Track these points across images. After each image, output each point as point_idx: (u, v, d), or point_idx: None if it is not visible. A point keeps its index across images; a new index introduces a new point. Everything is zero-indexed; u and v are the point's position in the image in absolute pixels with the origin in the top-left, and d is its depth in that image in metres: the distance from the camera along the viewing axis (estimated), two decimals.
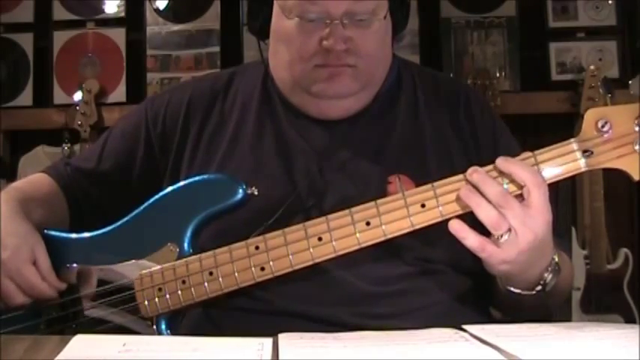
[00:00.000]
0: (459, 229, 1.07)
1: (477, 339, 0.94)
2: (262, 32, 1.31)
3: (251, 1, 1.33)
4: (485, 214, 1.05)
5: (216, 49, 3.09)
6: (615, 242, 2.78)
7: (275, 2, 1.26)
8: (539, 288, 1.13)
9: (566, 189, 2.75)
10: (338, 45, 1.20)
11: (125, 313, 1.22)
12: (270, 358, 0.87)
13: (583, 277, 2.71)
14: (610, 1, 3.04)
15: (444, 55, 3.07)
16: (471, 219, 1.08)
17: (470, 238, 1.06)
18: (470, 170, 1.09)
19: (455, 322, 1.04)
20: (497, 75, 3.02)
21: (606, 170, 1.12)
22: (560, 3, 3.06)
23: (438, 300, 1.21)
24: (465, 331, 0.99)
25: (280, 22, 1.25)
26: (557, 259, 1.14)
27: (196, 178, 1.26)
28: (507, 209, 1.04)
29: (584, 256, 2.73)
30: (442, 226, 1.11)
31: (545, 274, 1.13)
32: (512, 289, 1.14)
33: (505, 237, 1.05)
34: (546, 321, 1.07)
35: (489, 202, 1.05)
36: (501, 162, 1.08)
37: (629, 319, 2.62)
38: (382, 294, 1.19)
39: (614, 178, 1.12)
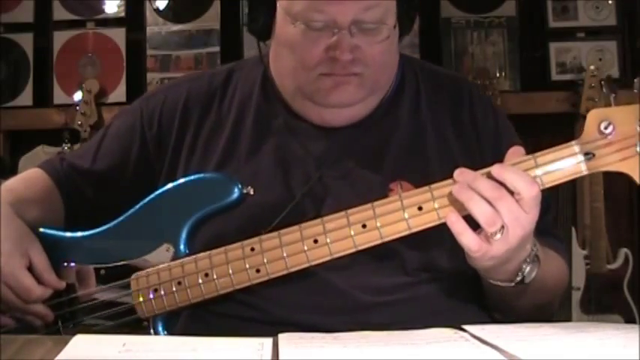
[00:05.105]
0: (455, 222, 1.04)
1: (477, 339, 0.94)
2: (263, 33, 1.28)
3: (252, 1, 1.30)
4: (479, 209, 1.03)
5: (216, 49, 3.09)
6: (615, 242, 2.78)
7: (279, 5, 1.22)
8: (518, 279, 1.11)
9: (566, 189, 2.75)
10: (345, 55, 1.17)
11: (122, 313, 1.21)
12: (270, 358, 0.87)
13: (583, 277, 2.70)
14: (610, 1, 3.04)
15: (444, 55, 3.07)
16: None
17: (466, 235, 1.04)
18: (457, 171, 1.06)
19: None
20: (497, 75, 3.02)
21: (608, 172, 1.09)
22: (560, 3, 3.06)
23: (438, 309, 1.19)
24: (465, 331, 0.99)
25: (284, 27, 1.22)
26: (536, 251, 1.12)
27: (192, 177, 1.24)
28: (502, 201, 1.02)
29: (584, 256, 2.73)
30: (443, 234, 1.08)
31: (524, 266, 1.11)
32: (492, 281, 1.13)
33: (498, 235, 1.04)
34: (546, 321, 1.07)
35: (483, 197, 1.03)
36: (496, 169, 1.05)
37: (629, 319, 2.62)
38: (381, 304, 1.18)
39: (614, 178, 1.10)
